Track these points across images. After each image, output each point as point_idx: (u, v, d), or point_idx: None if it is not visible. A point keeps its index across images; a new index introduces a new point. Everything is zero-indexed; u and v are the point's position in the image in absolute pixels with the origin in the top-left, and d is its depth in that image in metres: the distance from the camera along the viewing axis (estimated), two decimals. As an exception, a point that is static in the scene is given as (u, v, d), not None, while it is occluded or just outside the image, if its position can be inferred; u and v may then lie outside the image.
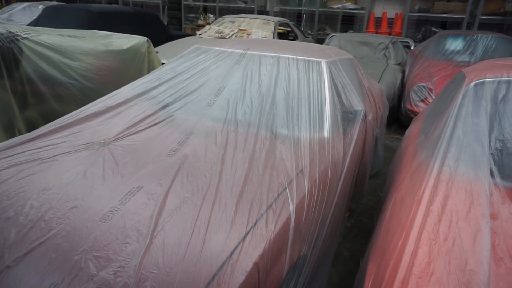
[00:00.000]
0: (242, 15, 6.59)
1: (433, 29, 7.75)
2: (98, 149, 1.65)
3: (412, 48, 6.37)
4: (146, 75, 2.41)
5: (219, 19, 6.45)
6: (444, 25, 7.77)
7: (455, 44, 5.17)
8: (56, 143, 1.72)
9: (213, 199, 1.32)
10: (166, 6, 10.05)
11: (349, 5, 8.18)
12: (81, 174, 1.45)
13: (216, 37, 5.86)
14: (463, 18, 7.21)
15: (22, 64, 2.40)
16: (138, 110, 1.99)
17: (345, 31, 8.29)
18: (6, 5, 9.09)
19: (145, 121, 1.89)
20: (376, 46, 5.89)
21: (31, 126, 2.53)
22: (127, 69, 3.02)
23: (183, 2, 9.79)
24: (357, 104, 2.16)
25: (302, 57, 2.25)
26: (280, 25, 6.29)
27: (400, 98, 4.95)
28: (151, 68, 3.27)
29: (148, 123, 1.87)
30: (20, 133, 2.45)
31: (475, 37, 5.11)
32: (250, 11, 9.00)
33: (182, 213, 1.25)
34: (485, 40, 5.07)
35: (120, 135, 1.77)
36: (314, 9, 8.43)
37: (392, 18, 8.04)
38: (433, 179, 1.31)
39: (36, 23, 5.83)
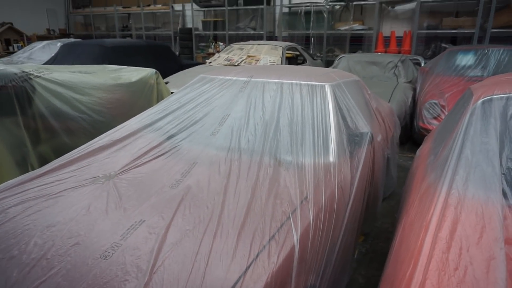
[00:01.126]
0: (251, 41, 6.73)
1: (443, 45, 7.71)
2: (104, 183, 1.67)
3: (422, 65, 6.33)
4: (153, 107, 2.46)
5: (228, 47, 6.60)
6: (454, 40, 7.72)
7: (466, 59, 5.11)
8: (64, 178, 1.74)
9: (215, 231, 1.30)
10: (177, 37, 10.39)
11: (357, 26, 8.26)
12: (85, 209, 1.46)
13: (226, 65, 5.98)
14: (473, 32, 7.16)
15: (34, 101, 2.49)
16: (143, 142, 2.01)
17: (354, 52, 8.35)
18: (27, 44, 9.58)
19: (150, 152, 1.91)
20: (385, 65, 5.88)
21: (43, 161, 2.59)
22: (136, 101, 3.09)
23: (194, 32, 10.10)
24: (363, 127, 2.13)
25: (306, 82, 2.26)
26: (288, 49, 6.38)
27: (413, 116, 4.88)
28: (160, 98, 3.34)
29: (153, 155, 1.88)
30: (33, 168, 2.51)
31: (486, 51, 5.04)
32: (259, 37, 9.20)
33: (183, 247, 1.23)
34: (497, 53, 4.99)
35: (126, 168, 1.79)
36: (322, 32, 8.55)
37: (401, 37, 8.06)
38: (441, 203, 1.26)
39: (54, 60, 6.11)
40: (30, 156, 2.47)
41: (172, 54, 6.96)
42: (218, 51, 9.24)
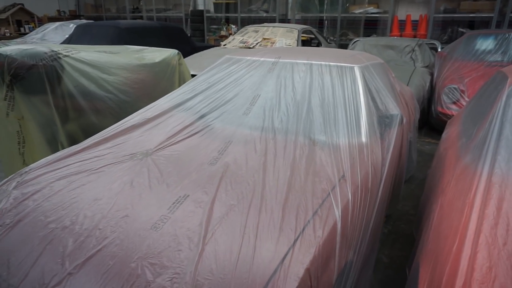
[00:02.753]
0: (265, 24, 6.66)
1: (460, 29, 7.57)
2: (142, 160, 1.70)
3: (439, 50, 6.24)
4: (181, 87, 2.48)
5: (242, 29, 6.54)
6: (472, 25, 7.57)
7: (485, 44, 5.03)
8: (102, 154, 1.78)
9: (259, 206, 1.33)
10: (189, 19, 10.29)
11: (372, 9, 8.12)
12: (128, 184, 1.50)
13: (241, 47, 5.94)
14: (491, 17, 7.01)
15: (63, 81, 2.51)
16: (176, 120, 2.04)
17: (368, 36, 8.23)
18: (38, 25, 9.57)
19: (183, 131, 1.93)
20: (402, 49, 5.80)
21: (72, 139, 2.64)
22: (160, 82, 3.11)
23: (206, 14, 10.00)
24: (393, 109, 2.13)
25: (335, 63, 2.26)
26: (303, 32, 6.31)
27: (430, 101, 4.84)
28: (182, 79, 3.35)
29: (187, 133, 1.91)
30: (63, 146, 2.56)
31: (507, 35, 4.95)
32: (272, 20, 9.09)
33: (230, 221, 1.26)
34: (516, 38, 4.90)
35: (161, 145, 1.82)
36: (336, 15, 8.42)
37: (417, 20, 7.92)
38: (484, 182, 1.27)
39: (69, 41, 6.11)
40: (59, 135, 2.52)
41: (186, 36, 6.93)
42: (231, 34, 9.17)
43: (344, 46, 8.39)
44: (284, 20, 9.34)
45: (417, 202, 2.90)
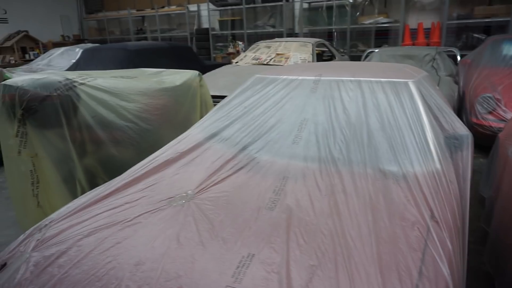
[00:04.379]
0: (277, 39, 6.47)
1: (475, 35, 7.35)
2: (184, 205, 1.43)
3: (458, 57, 6.01)
4: (211, 112, 2.22)
5: (253, 46, 6.35)
6: (487, 30, 7.36)
7: (513, 48, 4.78)
8: (133, 199, 1.51)
9: (348, 267, 1.05)
10: (194, 37, 10.17)
11: (382, 19, 7.94)
12: (175, 241, 1.22)
13: (254, 64, 5.73)
14: (508, 20, 6.80)
15: (80, 111, 2.27)
16: (214, 154, 1.77)
17: (379, 46, 8.01)
18: (43, 51, 9.45)
19: (225, 166, 1.66)
20: (422, 58, 5.56)
21: (90, 175, 2.38)
22: (182, 106, 2.86)
23: (211, 32, 9.87)
24: (461, 128, 1.86)
25: (386, 79, 2.00)
26: (316, 45, 6.10)
27: (460, 111, 4.57)
28: (203, 102, 3.11)
29: (231, 169, 1.64)
30: (81, 184, 2.29)
31: (535, 39, 4.71)
32: (279, 35, 8.92)
33: (318, 291, 0.98)
34: (545, 41, 4.66)
35: (203, 185, 1.55)
36: (345, 26, 8.24)
37: (429, 28, 7.71)
38: None
39: (76, 66, 5.93)
40: (77, 171, 2.25)
41: (194, 55, 6.75)
42: (238, 51, 9.01)
43: (355, 57, 8.19)
44: (291, 34, 9.18)
45: (478, 227, 2.59)
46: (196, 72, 3.03)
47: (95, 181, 2.40)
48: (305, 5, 8.85)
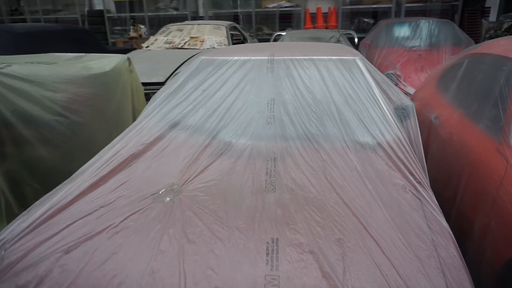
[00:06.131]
0: (187, 22, 6.22)
1: (365, 19, 8.21)
2: (173, 200, 1.29)
3: (355, 39, 6.64)
4: (159, 98, 2.03)
5: (163, 29, 5.99)
6: (375, 15, 8.27)
7: (403, 31, 5.47)
8: (109, 201, 1.31)
9: (371, 235, 1.09)
10: (86, 20, 9.10)
11: (284, 3, 8.26)
12: (184, 239, 1.10)
13: (168, 48, 5.43)
14: (390, 7, 7.75)
15: (-6, 106, 1.84)
16: (185, 143, 1.64)
17: (283, 29, 8.34)
18: None
19: (203, 154, 1.56)
20: (328, 40, 5.98)
21: (14, 182, 1.97)
22: (113, 94, 2.55)
23: (106, 15, 8.95)
24: (405, 99, 2.07)
25: (336, 57, 2.09)
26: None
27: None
28: (134, 90, 2.82)
29: (210, 156, 1.54)
30: (3, 194, 1.89)
31: (418, 23, 5.47)
32: (183, 18, 8.56)
33: (357, 262, 1.00)
34: (426, 25, 5.45)
35: (185, 176, 1.43)
36: (250, 10, 8.35)
37: (326, 13, 8.32)
38: None
39: None
40: (-2, 179, 1.85)
41: (95, 40, 6.07)
42: (140, 35, 8.40)
43: (261, 40, 8.36)
44: (196, 17, 8.92)
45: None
46: (124, 56, 2.72)
47: (21, 189, 2.01)
48: (208, -12, 8.66)
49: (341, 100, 1.82)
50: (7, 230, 1.23)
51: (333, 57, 2.09)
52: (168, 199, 1.30)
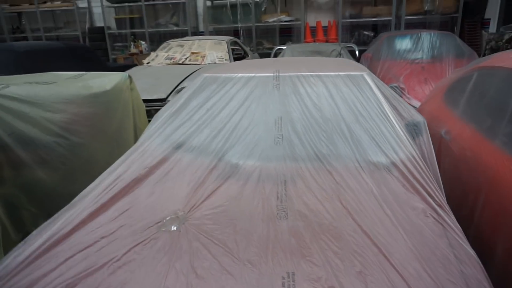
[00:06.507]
0: (188, 37, 6.22)
1: (365, 32, 8.23)
2: (179, 229, 1.21)
3: (356, 52, 6.64)
4: (160, 119, 1.96)
5: (164, 45, 5.98)
6: (375, 28, 8.29)
7: (404, 43, 5.45)
8: (110, 231, 1.23)
9: (395, 266, 1.01)
10: (87, 37, 9.15)
11: (284, 17, 8.30)
12: (192, 274, 1.02)
13: (169, 64, 5.41)
14: (390, 20, 7.78)
15: (-9, 128, 1.78)
16: (190, 165, 1.57)
17: (284, 43, 8.37)
18: None
19: (209, 178, 1.48)
20: (330, 53, 5.98)
21: (11, 207, 1.90)
22: (114, 114, 2.49)
23: (107, 31, 9.00)
24: (415, 115, 2.00)
25: (343, 73, 2.04)
26: (229, 43, 6.05)
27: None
28: (136, 108, 2.76)
29: (216, 180, 1.46)
30: (2, 222, 1.81)
31: (419, 35, 5.46)
32: (183, 34, 8.60)
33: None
34: (427, 37, 5.44)
35: (191, 202, 1.35)
36: (250, 24, 8.38)
37: (326, 26, 8.35)
38: None
39: None
40: (-6, 205, 1.77)
41: (95, 56, 6.07)
42: (141, 51, 8.42)
43: (262, 55, 8.37)
44: (196, 33, 8.96)
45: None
46: (125, 74, 2.67)
47: (17, 214, 1.93)
48: (208, 3, 8.71)
49: (351, 118, 1.75)
50: (1, 265, 1.14)
51: (340, 73, 2.03)
52: (174, 228, 1.22)
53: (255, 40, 8.52)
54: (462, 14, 7.52)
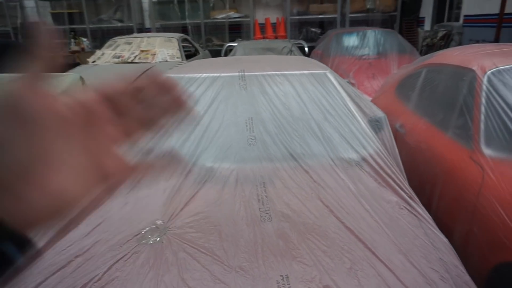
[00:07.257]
0: (135, 34, 5.95)
1: (312, 29, 8.47)
2: (161, 241, 1.16)
3: (305, 48, 6.81)
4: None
5: (110, 42, 5.66)
6: (322, 25, 8.56)
7: (352, 40, 5.70)
8: (84, 249, 1.14)
9: (382, 260, 1.05)
10: (19, 33, 8.38)
11: (233, 14, 8.27)
12: (185, 287, 0.98)
13: (116, 62, 5.14)
14: (335, 17, 8.08)
15: None
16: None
17: (233, 40, 8.33)
18: None
19: (185, 184, 1.43)
20: (281, 50, 6.05)
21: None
22: (67, 118, 2.30)
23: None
24: (377, 111, 2.10)
25: (308, 71, 2.08)
26: (179, 41, 5.89)
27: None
28: (89, 111, 2.58)
29: (194, 186, 1.42)
30: None
31: (365, 33, 5.74)
32: (128, 30, 8.21)
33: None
34: (372, 34, 5.73)
35: (170, 211, 1.29)
36: (199, 21, 8.24)
37: (275, 23, 8.45)
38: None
39: None
40: None
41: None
42: (83, 49, 7.90)
43: (212, 52, 8.26)
44: (142, 29, 8.61)
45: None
46: (76, 75, 2.49)
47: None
48: (153, -1, 8.41)
49: (319, 116, 1.79)
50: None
51: (304, 72, 2.06)
52: (156, 239, 1.16)
53: (205, 37, 8.39)
54: (400, 13, 8.03)
